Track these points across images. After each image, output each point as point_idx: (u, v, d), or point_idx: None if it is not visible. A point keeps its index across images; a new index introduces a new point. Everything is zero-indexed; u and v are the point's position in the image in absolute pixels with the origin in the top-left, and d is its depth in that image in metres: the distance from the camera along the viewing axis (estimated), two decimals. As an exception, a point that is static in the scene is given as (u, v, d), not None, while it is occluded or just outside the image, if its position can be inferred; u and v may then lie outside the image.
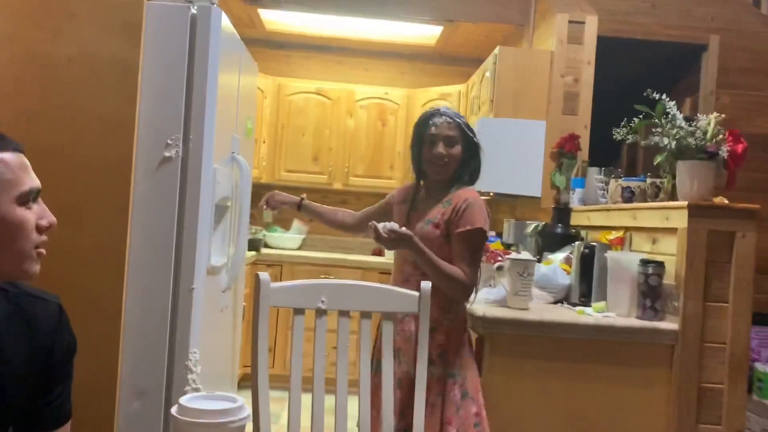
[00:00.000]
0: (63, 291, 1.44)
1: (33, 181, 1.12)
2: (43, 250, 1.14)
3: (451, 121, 2.10)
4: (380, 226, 1.89)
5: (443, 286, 1.94)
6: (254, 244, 4.47)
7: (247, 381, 2.43)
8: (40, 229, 1.12)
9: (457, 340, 2.00)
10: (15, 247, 1.09)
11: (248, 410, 0.78)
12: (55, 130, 1.68)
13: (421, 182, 2.19)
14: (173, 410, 0.75)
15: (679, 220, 2.09)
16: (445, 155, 2.08)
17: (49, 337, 1.19)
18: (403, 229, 1.94)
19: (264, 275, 1.53)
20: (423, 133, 2.12)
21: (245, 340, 2.83)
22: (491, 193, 3.83)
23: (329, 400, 1.52)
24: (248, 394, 1.51)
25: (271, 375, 1.54)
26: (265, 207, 2.40)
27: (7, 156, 1.10)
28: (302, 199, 2.38)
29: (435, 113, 2.13)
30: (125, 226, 1.71)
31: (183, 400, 0.77)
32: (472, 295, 2.02)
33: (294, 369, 1.54)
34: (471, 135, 2.12)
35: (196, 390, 1.78)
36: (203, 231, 1.86)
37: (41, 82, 1.69)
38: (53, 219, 1.15)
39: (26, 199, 1.10)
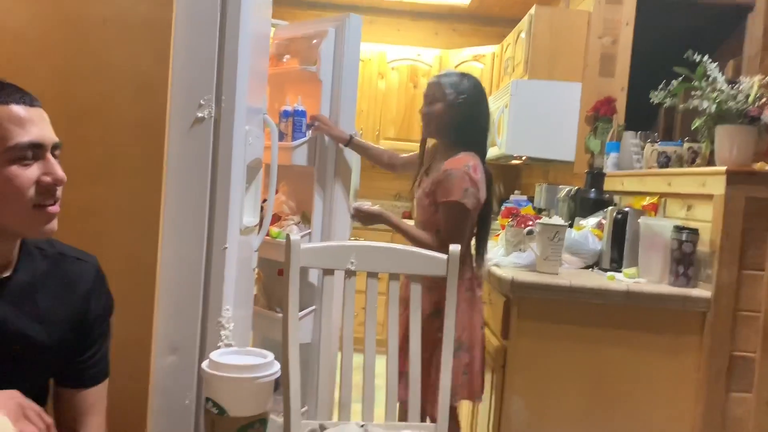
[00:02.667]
0: (100, 248, 1.47)
1: (29, 134, 1.04)
2: (52, 208, 1.09)
3: (434, 80, 2.24)
4: (351, 207, 2.16)
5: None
6: (285, 206, 4.51)
7: (278, 339, 2.47)
8: (43, 186, 1.06)
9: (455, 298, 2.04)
10: (10, 206, 1.04)
11: (277, 366, 0.80)
12: (89, 90, 1.70)
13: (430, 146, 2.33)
14: (204, 365, 0.77)
15: (716, 186, 2.04)
16: (424, 113, 2.22)
17: (85, 297, 1.21)
18: (368, 206, 2.23)
19: (294, 236, 1.55)
20: None
21: (276, 299, 2.88)
22: (523, 157, 3.79)
23: (357, 359, 1.55)
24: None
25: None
26: (312, 131, 2.55)
27: None
28: (352, 136, 2.53)
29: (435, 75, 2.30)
30: (159, 186, 1.73)
31: (214, 355, 0.79)
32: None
33: (324, 328, 1.57)
34: (451, 91, 2.17)
35: (229, 346, 1.83)
36: (236, 192, 1.88)
37: (76, 42, 1.70)
38: (60, 175, 1.08)
39: (20, 155, 1.04)
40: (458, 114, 2.15)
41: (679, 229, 2.11)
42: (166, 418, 1.77)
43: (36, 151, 1.06)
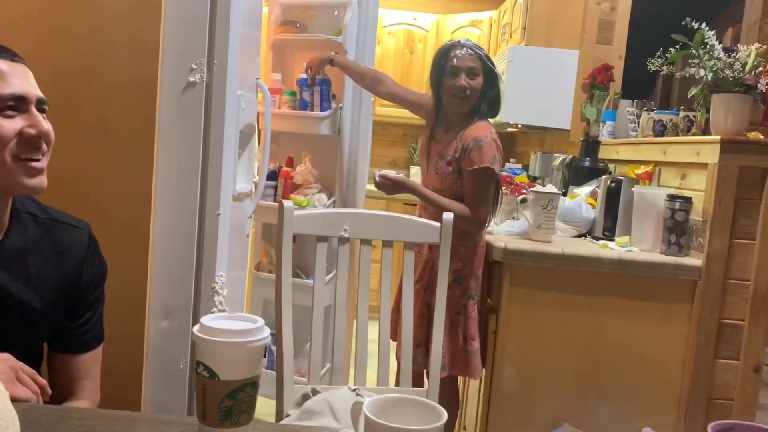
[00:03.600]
0: (93, 213, 1.47)
1: (10, 87, 1.04)
2: (37, 163, 1.07)
3: (472, 53, 2.13)
4: (375, 174, 2.09)
5: (454, 221, 2.04)
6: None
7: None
8: (26, 138, 1.06)
9: (474, 266, 2.13)
10: None
11: (268, 331, 0.81)
12: (81, 53, 1.67)
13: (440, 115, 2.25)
14: (195, 329, 0.78)
15: (711, 155, 2.04)
16: (467, 87, 2.10)
17: (78, 263, 1.21)
18: (394, 173, 2.14)
19: (287, 202, 1.55)
20: (444, 65, 2.14)
21: (271, 265, 2.89)
22: (519, 125, 3.77)
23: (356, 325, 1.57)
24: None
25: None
26: (309, 72, 2.57)
27: None
28: (332, 57, 2.52)
29: (456, 45, 2.16)
30: (152, 151, 1.72)
31: (205, 319, 0.80)
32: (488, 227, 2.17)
33: (317, 295, 1.58)
34: (491, 66, 2.16)
35: (223, 311, 1.84)
36: (228, 157, 1.87)
37: (68, 6, 1.67)
38: (44, 128, 1.07)
39: (1, 106, 1.03)
40: (497, 87, 2.18)
41: (672, 197, 2.12)
42: (161, 381, 1.79)
43: (19, 103, 1.06)
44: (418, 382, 2.12)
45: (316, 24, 2.83)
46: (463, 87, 2.10)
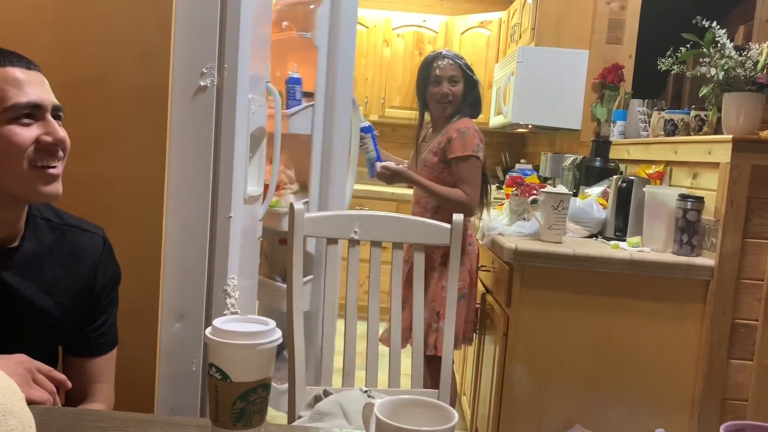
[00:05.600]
0: (105, 217, 1.48)
1: (27, 95, 1.05)
2: (53, 170, 1.08)
3: (452, 62, 2.42)
4: (377, 165, 2.33)
5: (446, 206, 2.32)
6: (291, 175, 4.51)
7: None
8: (43, 146, 1.06)
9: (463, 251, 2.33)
10: (9, 166, 1.04)
11: (279, 333, 0.82)
12: (93, 59, 1.69)
13: (426, 120, 2.56)
14: (207, 331, 0.79)
15: (723, 154, 2.03)
16: (449, 93, 2.42)
17: (92, 268, 1.22)
18: (392, 164, 2.39)
19: (298, 205, 1.56)
20: (428, 75, 2.45)
21: (282, 268, 2.90)
22: (529, 126, 3.77)
23: (361, 327, 1.57)
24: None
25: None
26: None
27: None
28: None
29: (437, 56, 2.47)
30: (164, 155, 1.73)
31: (217, 322, 0.80)
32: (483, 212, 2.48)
33: (328, 296, 1.59)
34: (470, 73, 2.45)
35: (235, 314, 1.85)
36: (239, 160, 1.88)
37: (80, 11, 1.69)
38: (60, 135, 1.08)
39: (16, 114, 1.04)
40: (476, 90, 2.47)
41: (684, 197, 2.11)
42: (174, 384, 1.80)
43: (35, 111, 1.07)
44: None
45: (299, 23, 2.75)
46: (445, 93, 2.41)
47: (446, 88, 2.41)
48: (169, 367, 1.79)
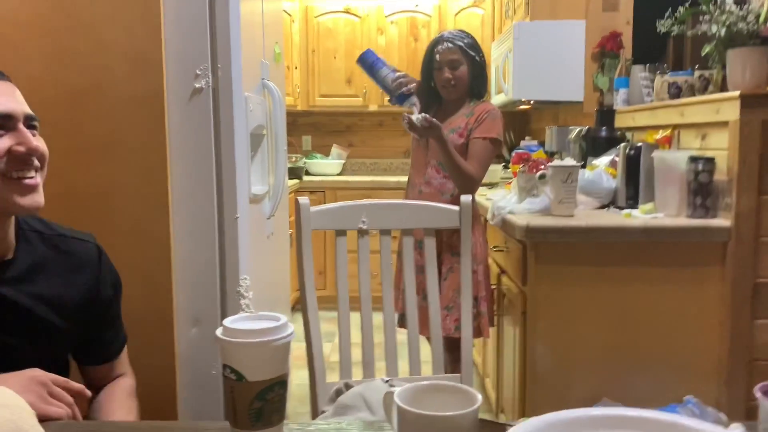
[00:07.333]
0: (111, 227, 1.47)
1: None
2: (30, 181, 1.06)
3: (452, 45, 2.36)
4: (414, 117, 2.19)
5: (454, 177, 2.30)
6: (296, 172, 4.51)
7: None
8: (16, 156, 1.04)
9: (474, 232, 2.28)
10: None
11: (292, 328, 0.80)
12: (84, 69, 1.68)
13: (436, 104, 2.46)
14: (217, 332, 0.77)
15: (731, 112, 1.99)
16: (450, 78, 2.36)
17: (93, 276, 1.21)
18: (434, 119, 2.23)
19: (303, 199, 1.54)
20: (431, 60, 2.41)
21: (294, 264, 2.89)
22: (531, 102, 3.72)
23: (378, 318, 1.55)
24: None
25: (324, 296, 1.57)
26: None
27: None
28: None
29: (438, 41, 2.42)
30: (164, 161, 1.72)
31: (227, 321, 0.79)
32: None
33: (340, 289, 1.57)
34: (473, 54, 2.39)
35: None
36: (241, 160, 1.87)
37: (66, 21, 1.67)
38: (33, 144, 1.06)
39: None
40: (483, 71, 2.43)
41: (694, 159, 2.07)
42: (195, 389, 1.80)
43: (5, 122, 1.04)
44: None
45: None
46: (447, 79, 2.36)
47: (447, 74, 2.37)
48: (188, 373, 1.79)
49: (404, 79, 2.24)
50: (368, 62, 2.32)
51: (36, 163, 1.07)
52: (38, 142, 1.08)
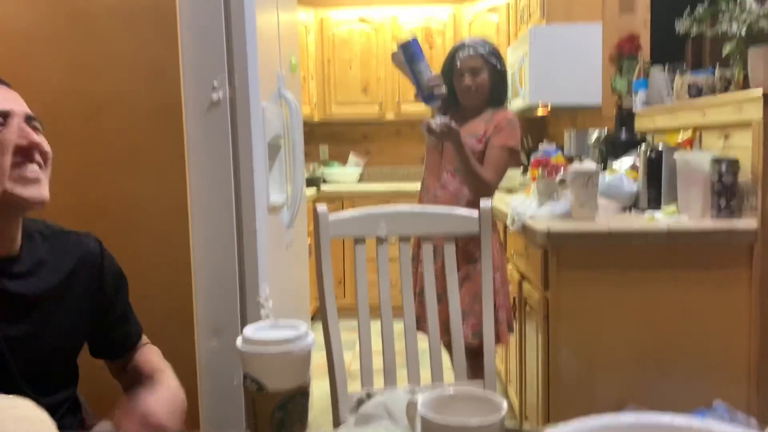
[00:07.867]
0: (131, 238, 1.48)
1: None
2: (32, 173, 1.07)
3: (473, 53, 2.36)
4: (433, 122, 2.19)
5: (469, 182, 2.29)
6: (313, 182, 4.51)
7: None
8: (18, 150, 1.06)
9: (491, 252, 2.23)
10: None
11: (312, 336, 0.79)
12: (102, 82, 1.70)
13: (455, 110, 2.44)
14: (237, 342, 0.76)
15: (754, 110, 1.95)
16: (471, 86, 2.36)
17: (95, 266, 1.24)
18: (453, 123, 2.21)
19: (322, 207, 1.53)
20: (452, 68, 2.41)
21: (313, 274, 2.89)
22: (549, 106, 3.70)
23: (399, 325, 1.54)
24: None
25: (345, 305, 1.56)
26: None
27: None
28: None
29: (460, 47, 2.43)
30: (183, 173, 1.73)
31: (247, 330, 0.78)
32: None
33: (360, 297, 1.56)
34: (494, 62, 2.39)
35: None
36: (259, 170, 1.87)
37: (83, 36, 1.69)
38: (34, 138, 1.08)
39: None
40: (503, 79, 2.45)
41: (717, 160, 2.04)
42: (217, 399, 1.79)
43: (5, 119, 1.06)
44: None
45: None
46: (468, 86, 2.36)
47: (468, 80, 2.36)
48: (210, 383, 1.78)
49: (439, 81, 2.23)
50: (410, 51, 2.24)
51: (38, 158, 1.09)
52: (40, 139, 1.10)
